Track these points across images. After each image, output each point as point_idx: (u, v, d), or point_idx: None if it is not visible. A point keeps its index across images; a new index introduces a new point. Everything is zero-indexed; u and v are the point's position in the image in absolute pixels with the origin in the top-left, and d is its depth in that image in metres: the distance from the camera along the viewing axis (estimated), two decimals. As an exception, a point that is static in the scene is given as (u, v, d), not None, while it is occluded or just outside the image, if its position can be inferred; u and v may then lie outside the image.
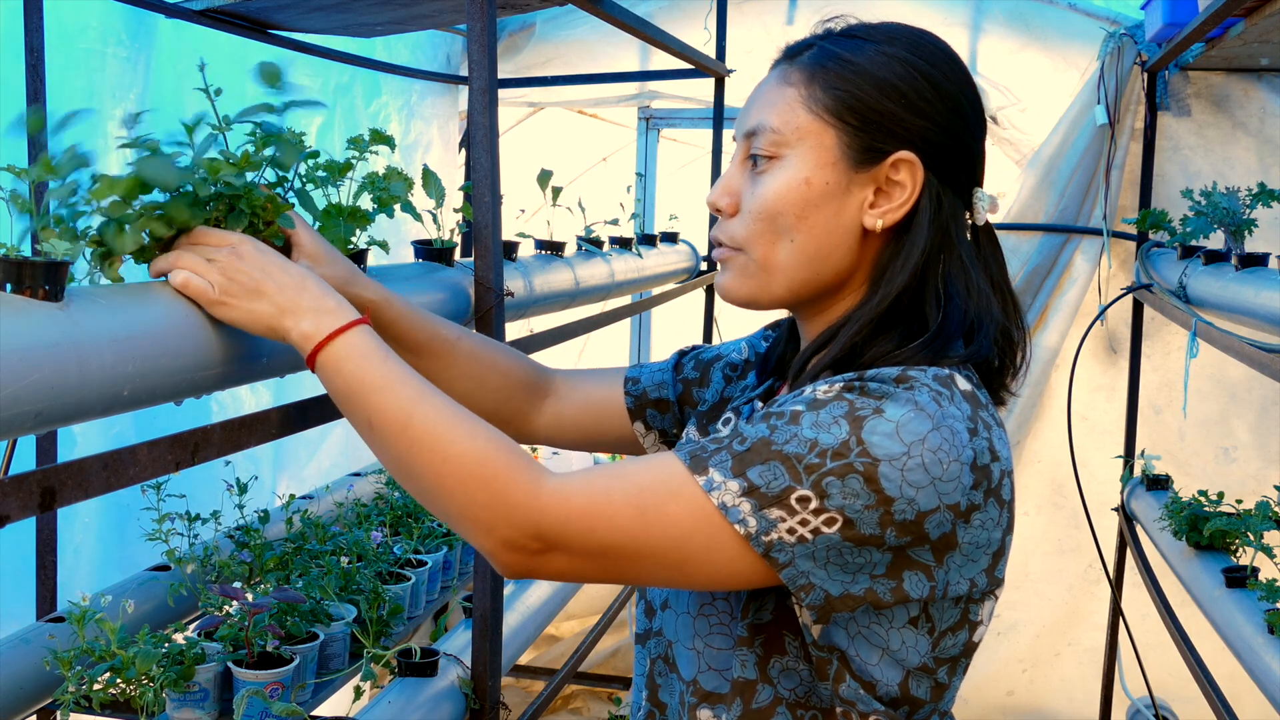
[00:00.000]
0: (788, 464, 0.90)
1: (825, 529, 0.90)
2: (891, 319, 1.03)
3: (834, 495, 0.90)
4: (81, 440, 2.46)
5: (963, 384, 0.98)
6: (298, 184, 1.33)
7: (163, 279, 1.11)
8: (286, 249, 1.22)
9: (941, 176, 1.04)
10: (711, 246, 1.13)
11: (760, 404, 1.14)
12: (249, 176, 1.18)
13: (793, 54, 1.08)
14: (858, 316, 1.03)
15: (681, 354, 1.34)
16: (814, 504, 0.90)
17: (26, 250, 0.97)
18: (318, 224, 1.39)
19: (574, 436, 1.35)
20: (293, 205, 1.27)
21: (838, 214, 1.03)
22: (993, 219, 1.10)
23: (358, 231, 1.44)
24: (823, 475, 0.90)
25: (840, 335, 1.04)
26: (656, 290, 3.38)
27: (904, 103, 1.02)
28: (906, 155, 1.02)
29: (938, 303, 1.03)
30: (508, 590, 2.62)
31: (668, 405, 1.31)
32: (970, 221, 1.08)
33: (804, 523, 0.90)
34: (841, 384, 0.94)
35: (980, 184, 1.09)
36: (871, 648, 0.97)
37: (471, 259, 1.84)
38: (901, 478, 0.90)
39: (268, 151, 1.22)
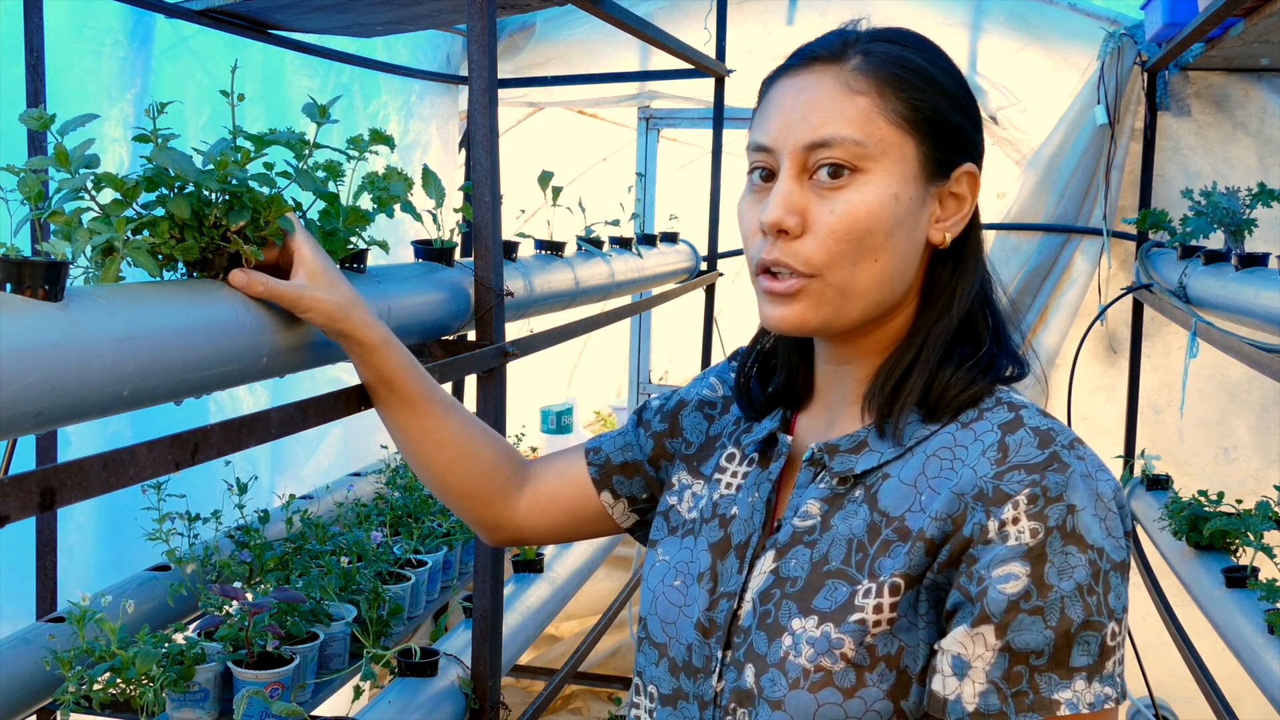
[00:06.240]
0: (1086, 625, 0.88)
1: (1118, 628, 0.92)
2: (957, 337, 1.01)
3: (1122, 600, 0.91)
4: (76, 440, 2.46)
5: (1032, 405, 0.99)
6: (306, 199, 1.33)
7: (158, 279, 1.11)
8: (286, 257, 1.19)
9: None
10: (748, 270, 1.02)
11: (787, 436, 1.08)
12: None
13: (833, 57, 0.99)
14: (932, 339, 1.00)
15: (639, 412, 1.26)
16: (1115, 620, 0.90)
17: (26, 247, 0.97)
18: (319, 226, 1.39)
19: (554, 518, 1.27)
20: (296, 206, 1.27)
21: (915, 230, 0.99)
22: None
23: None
24: (1105, 605, 0.89)
25: (919, 364, 0.99)
26: (656, 290, 3.37)
27: (964, 114, 1.01)
28: (970, 167, 1.01)
29: (985, 315, 1.02)
30: (508, 590, 2.62)
31: (635, 468, 1.22)
32: None
33: (1114, 634, 0.90)
34: (1026, 500, 0.89)
35: None
36: None
37: (471, 259, 1.84)
38: (1121, 540, 0.92)
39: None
